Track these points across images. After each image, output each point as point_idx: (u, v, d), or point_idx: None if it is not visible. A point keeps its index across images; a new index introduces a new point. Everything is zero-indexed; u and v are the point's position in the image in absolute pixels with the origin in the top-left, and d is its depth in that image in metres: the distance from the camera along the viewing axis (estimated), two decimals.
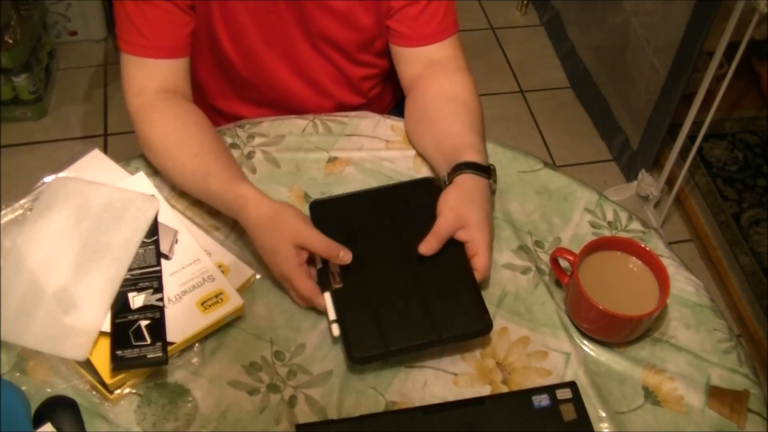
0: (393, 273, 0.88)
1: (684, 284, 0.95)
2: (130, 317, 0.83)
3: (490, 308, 0.90)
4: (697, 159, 2.07)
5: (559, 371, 0.86)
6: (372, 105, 1.23)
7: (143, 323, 0.82)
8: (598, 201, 1.03)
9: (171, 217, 0.93)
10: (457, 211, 0.89)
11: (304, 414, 0.81)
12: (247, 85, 1.13)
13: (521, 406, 0.82)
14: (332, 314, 0.85)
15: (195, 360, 0.84)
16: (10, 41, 1.94)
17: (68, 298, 0.84)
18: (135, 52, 0.98)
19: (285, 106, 1.15)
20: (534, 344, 0.89)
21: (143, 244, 0.89)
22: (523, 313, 0.91)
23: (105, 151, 0.99)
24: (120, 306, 0.84)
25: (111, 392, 0.80)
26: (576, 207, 1.02)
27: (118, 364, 0.80)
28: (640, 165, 2.05)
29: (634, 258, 0.91)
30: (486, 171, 0.94)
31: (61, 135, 2.08)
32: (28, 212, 0.92)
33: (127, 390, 0.81)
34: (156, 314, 0.83)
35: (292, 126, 1.07)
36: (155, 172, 1.00)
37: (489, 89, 2.32)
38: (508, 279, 0.94)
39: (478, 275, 0.88)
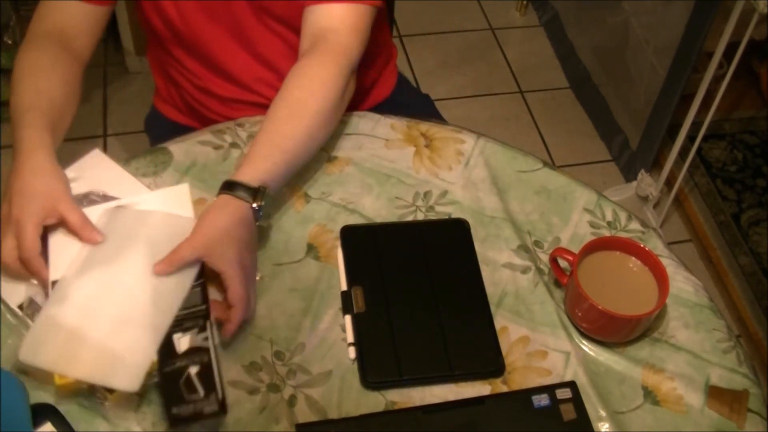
0: (415, 305, 0.90)
1: (683, 284, 0.95)
2: (178, 364, 0.78)
3: (491, 308, 0.90)
4: (697, 159, 2.07)
5: (559, 371, 0.87)
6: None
7: (192, 371, 0.78)
8: (597, 201, 1.03)
9: None
10: (203, 237, 0.83)
11: (304, 414, 0.82)
12: (195, 55, 1.12)
13: (521, 405, 0.82)
14: (350, 337, 0.87)
15: None
16: (9, 42, 1.94)
17: (117, 332, 0.81)
18: None
19: (234, 80, 1.14)
20: (534, 344, 0.89)
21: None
22: (522, 313, 0.91)
23: (105, 151, 1.00)
24: (165, 351, 0.80)
25: (111, 392, 0.80)
26: (575, 207, 1.02)
27: (175, 422, 0.76)
28: (640, 165, 2.05)
29: (633, 258, 0.91)
30: (253, 193, 0.87)
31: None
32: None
33: None
34: (204, 358, 0.79)
35: None
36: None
37: (488, 90, 2.32)
38: (507, 278, 0.94)
39: (236, 311, 0.82)
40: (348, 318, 0.88)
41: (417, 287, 0.91)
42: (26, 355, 0.79)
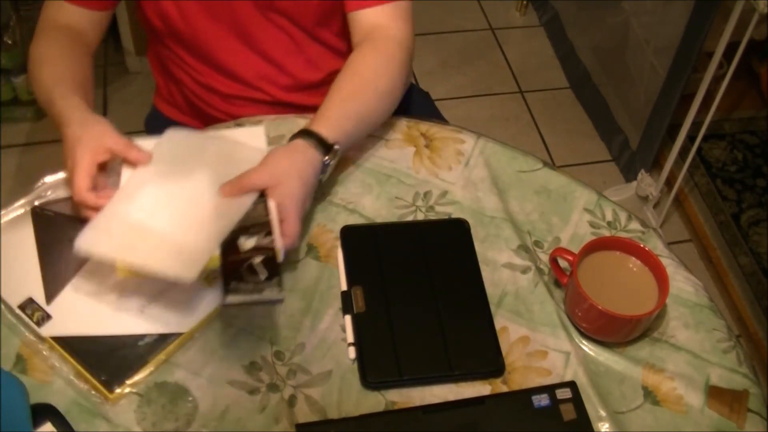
0: (414, 305, 0.90)
1: (683, 284, 0.95)
2: (242, 256, 0.79)
3: (491, 308, 0.90)
4: (697, 159, 2.07)
5: (559, 371, 0.87)
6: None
7: (256, 260, 0.79)
8: (597, 201, 1.03)
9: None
10: (274, 169, 0.89)
11: (304, 414, 0.82)
12: (197, 53, 1.13)
13: (521, 405, 0.82)
14: (350, 337, 0.87)
15: (195, 360, 0.84)
16: (10, 42, 1.94)
17: (179, 228, 0.85)
18: None
19: (236, 77, 1.14)
20: (534, 344, 0.89)
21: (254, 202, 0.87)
22: (522, 313, 0.91)
23: None
24: (229, 248, 0.81)
25: (111, 392, 0.80)
26: (575, 207, 1.02)
27: (234, 296, 0.77)
28: (640, 165, 2.05)
29: (633, 258, 0.91)
30: (326, 148, 0.92)
31: (61, 135, 2.08)
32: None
33: (127, 390, 0.82)
34: (269, 253, 0.79)
35: (292, 125, 1.07)
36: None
37: (488, 90, 2.32)
38: (507, 278, 0.94)
39: (287, 240, 0.86)
40: (348, 318, 0.88)
41: (417, 287, 0.91)
42: (84, 244, 0.82)
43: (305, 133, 0.92)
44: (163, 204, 0.87)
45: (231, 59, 1.12)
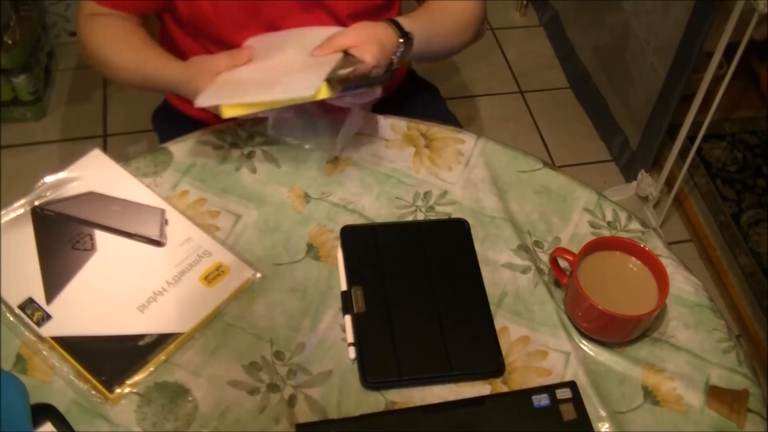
0: (414, 305, 0.90)
1: (683, 284, 0.95)
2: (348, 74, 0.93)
3: (491, 308, 0.90)
4: (697, 159, 2.07)
5: (559, 371, 0.87)
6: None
7: (375, 72, 0.94)
8: (597, 201, 1.03)
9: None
10: (359, 32, 0.98)
11: (304, 414, 0.82)
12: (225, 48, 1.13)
13: (521, 405, 0.82)
14: (350, 337, 0.87)
15: (195, 360, 0.84)
16: (10, 42, 1.94)
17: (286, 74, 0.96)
18: None
19: None
20: (534, 344, 0.89)
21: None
22: (522, 313, 0.91)
23: (105, 151, 1.00)
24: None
25: (111, 392, 0.80)
26: (575, 207, 1.02)
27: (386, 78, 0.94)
28: (640, 165, 2.05)
29: (633, 258, 0.91)
30: (402, 32, 1.02)
31: (61, 135, 2.08)
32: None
33: (127, 390, 0.82)
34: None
35: (293, 125, 1.07)
36: (154, 171, 1.00)
37: (488, 90, 2.32)
38: (507, 279, 0.94)
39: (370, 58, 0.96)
40: (348, 318, 0.88)
41: (417, 287, 0.91)
42: (203, 101, 0.91)
43: (392, 21, 1.03)
44: (265, 67, 0.98)
45: None
